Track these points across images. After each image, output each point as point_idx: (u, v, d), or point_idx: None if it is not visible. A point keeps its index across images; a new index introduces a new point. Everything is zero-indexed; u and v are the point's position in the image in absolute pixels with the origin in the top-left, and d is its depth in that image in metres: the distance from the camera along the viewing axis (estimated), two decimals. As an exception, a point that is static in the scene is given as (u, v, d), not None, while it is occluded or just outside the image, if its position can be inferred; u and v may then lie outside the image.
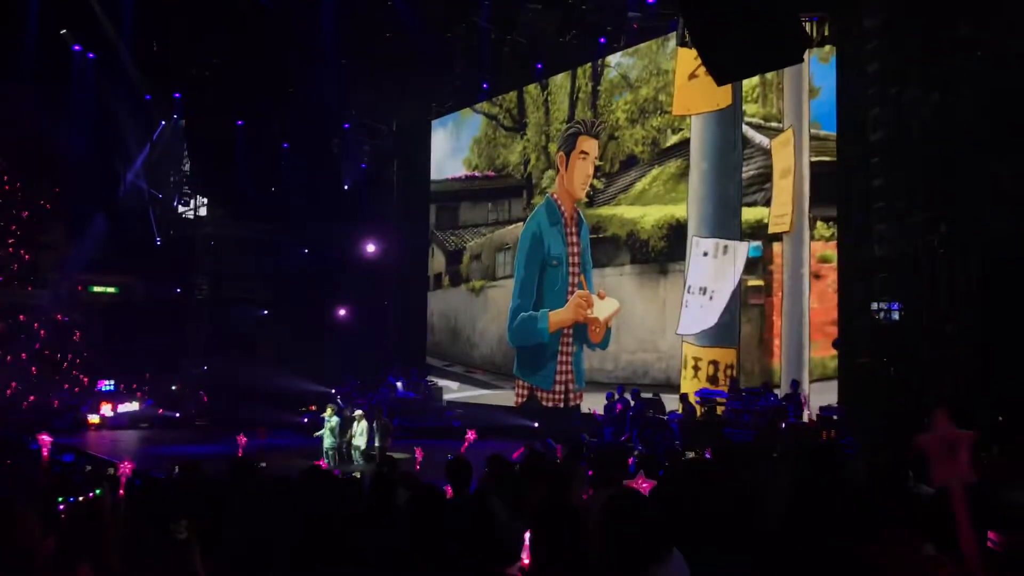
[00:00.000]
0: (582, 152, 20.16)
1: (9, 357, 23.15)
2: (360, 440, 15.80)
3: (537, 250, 20.90)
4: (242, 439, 9.87)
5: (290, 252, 25.85)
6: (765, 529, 3.59)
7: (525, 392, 20.89)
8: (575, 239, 20.02)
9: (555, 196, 20.73)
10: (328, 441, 15.71)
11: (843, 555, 2.92)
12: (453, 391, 23.42)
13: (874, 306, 13.66)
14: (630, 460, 8.11)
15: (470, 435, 12.15)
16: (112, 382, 23.91)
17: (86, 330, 25.16)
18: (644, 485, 5.05)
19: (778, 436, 12.51)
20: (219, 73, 21.79)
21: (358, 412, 16.42)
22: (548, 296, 20.39)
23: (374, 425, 15.73)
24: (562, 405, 19.80)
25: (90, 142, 21.35)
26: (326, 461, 15.22)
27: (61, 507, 4.61)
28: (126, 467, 8.02)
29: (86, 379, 23.98)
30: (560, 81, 21.27)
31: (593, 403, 18.19)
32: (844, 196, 14.50)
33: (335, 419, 15.91)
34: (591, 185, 19.97)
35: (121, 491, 6.85)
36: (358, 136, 25.11)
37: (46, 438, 10.74)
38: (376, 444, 15.45)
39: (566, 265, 19.97)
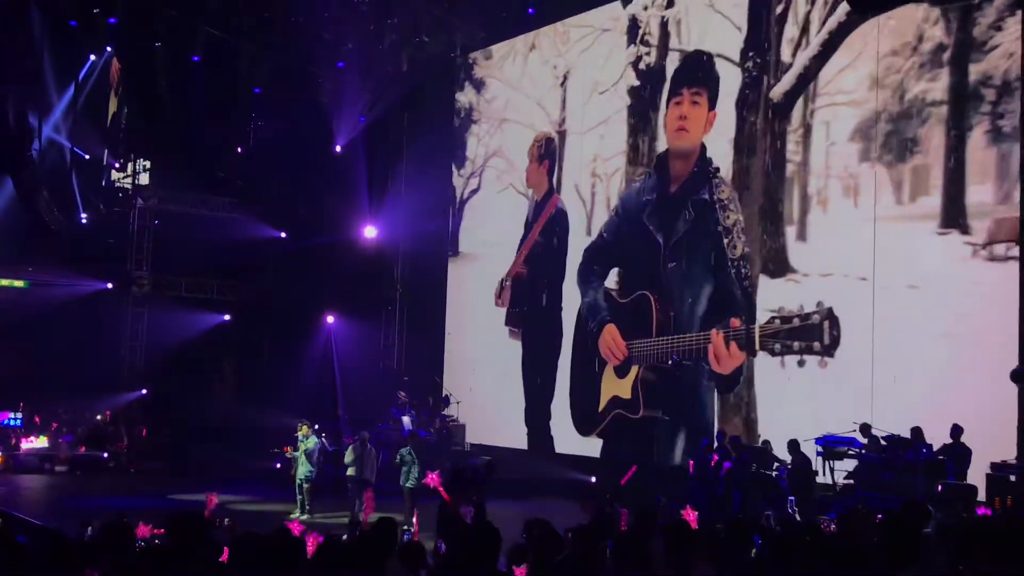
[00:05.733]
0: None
1: None
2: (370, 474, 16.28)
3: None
4: (212, 499, 9.55)
5: (262, 236, 26.24)
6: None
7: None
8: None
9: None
10: (303, 470, 16.66)
11: None
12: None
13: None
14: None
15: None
16: (18, 415, 24.06)
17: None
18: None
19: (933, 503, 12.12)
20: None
21: (364, 433, 17.03)
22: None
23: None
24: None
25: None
26: (299, 498, 16.78)
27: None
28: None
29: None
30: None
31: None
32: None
33: (312, 439, 17.04)
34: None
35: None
36: (356, 78, 24.82)
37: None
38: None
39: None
